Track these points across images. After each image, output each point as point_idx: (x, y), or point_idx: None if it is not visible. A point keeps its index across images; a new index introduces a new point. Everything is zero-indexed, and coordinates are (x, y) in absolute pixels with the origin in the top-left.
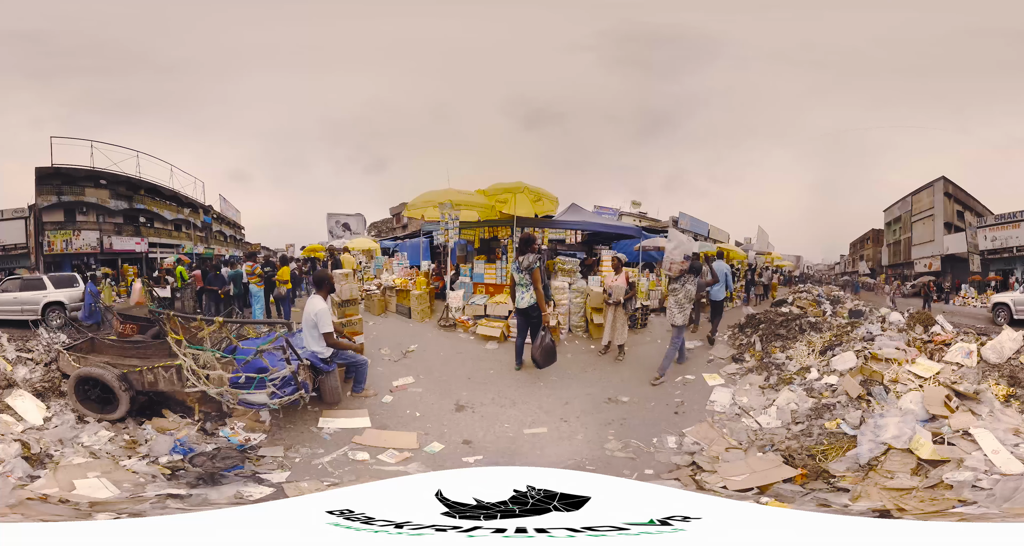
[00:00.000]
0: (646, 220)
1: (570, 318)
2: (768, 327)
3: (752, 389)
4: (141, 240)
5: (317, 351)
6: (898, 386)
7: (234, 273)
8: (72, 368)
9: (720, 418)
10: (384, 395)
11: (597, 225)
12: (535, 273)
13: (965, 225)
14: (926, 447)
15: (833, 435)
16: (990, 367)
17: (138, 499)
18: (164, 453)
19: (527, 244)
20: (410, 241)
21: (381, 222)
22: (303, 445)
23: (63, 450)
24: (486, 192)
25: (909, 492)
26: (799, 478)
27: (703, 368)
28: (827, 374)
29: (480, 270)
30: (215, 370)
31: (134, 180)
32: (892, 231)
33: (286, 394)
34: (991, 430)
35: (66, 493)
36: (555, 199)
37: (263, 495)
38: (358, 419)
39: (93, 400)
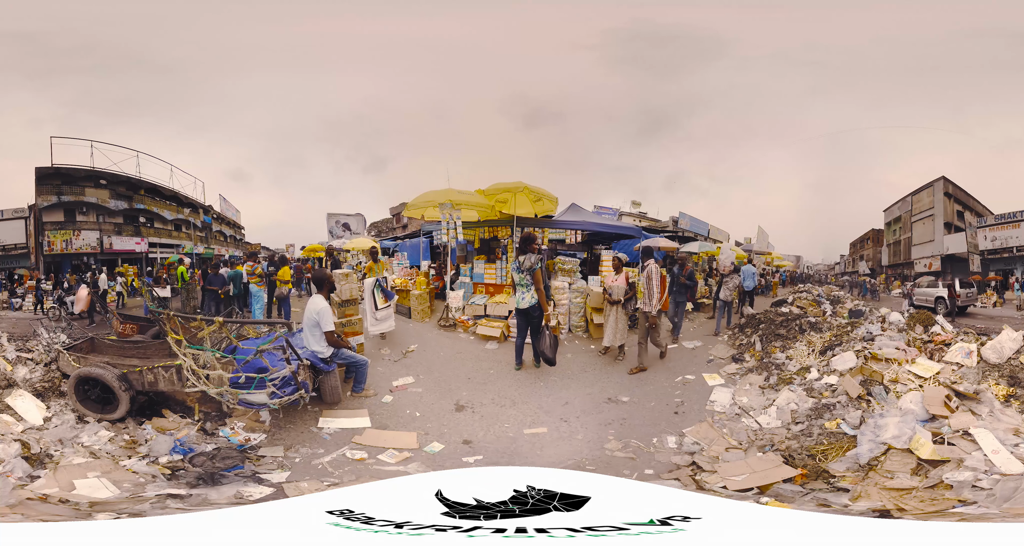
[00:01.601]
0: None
1: (570, 318)
2: (768, 327)
3: (752, 389)
4: (141, 240)
5: (317, 351)
6: (898, 386)
7: (233, 273)
8: (72, 368)
9: (720, 418)
10: (384, 395)
11: (597, 225)
12: (536, 273)
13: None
14: (926, 447)
15: (833, 435)
16: (990, 367)
17: (138, 499)
18: (164, 453)
19: (528, 244)
20: (410, 241)
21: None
22: (303, 445)
23: (63, 450)
24: (486, 192)
25: (909, 492)
26: (799, 478)
27: (703, 368)
28: (827, 374)
29: (480, 270)
30: (215, 370)
31: (134, 180)
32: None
33: (286, 394)
34: (991, 430)
35: (66, 493)
36: (555, 199)
37: (263, 495)
38: (358, 419)
39: (93, 400)
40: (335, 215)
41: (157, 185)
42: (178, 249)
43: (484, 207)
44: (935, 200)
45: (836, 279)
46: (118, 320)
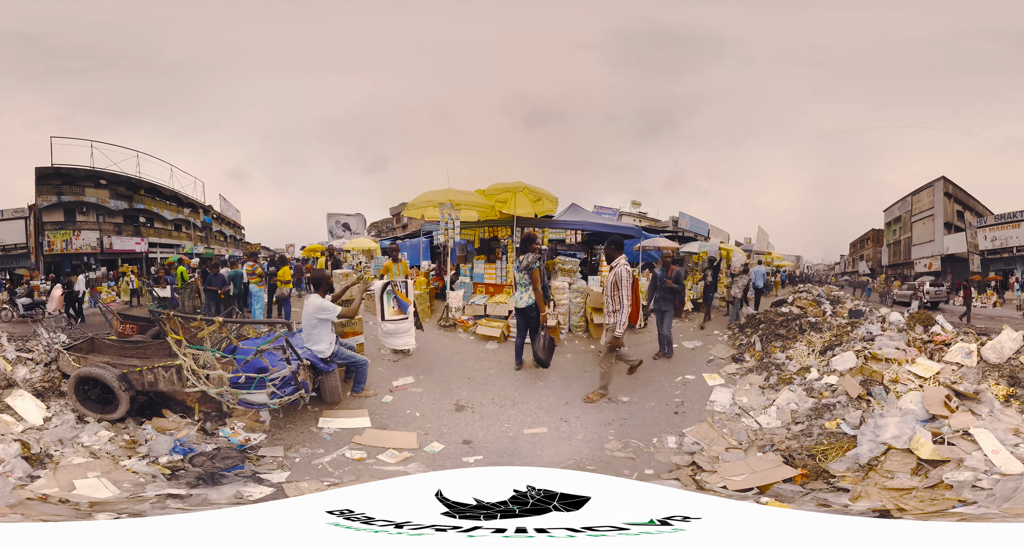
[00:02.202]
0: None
1: (570, 318)
2: (768, 327)
3: (752, 389)
4: (141, 240)
5: (317, 351)
6: (898, 386)
7: (234, 273)
8: (72, 368)
9: (720, 418)
10: (384, 395)
11: (597, 225)
12: (534, 273)
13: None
14: (926, 447)
15: (833, 435)
16: (990, 367)
17: (138, 499)
18: (164, 453)
19: (528, 243)
20: (410, 241)
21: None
22: (303, 445)
23: (63, 450)
24: (486, 192)
25: (909, 492)
26: (799, 478)
27: (703, 368)
28: (827, 374)
29: (480, 270)
30: (215, 370)
31: (134, 180)
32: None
33: (286, 394)
34: (991, 430)
35: (66, 493)
36: (555, 199)
37: (263, 495)
38: (358, 419)
39: (93, 400)
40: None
41: (157, 185)
42: (178, 249)
43: (484, 207)
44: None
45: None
46: (118, 320)
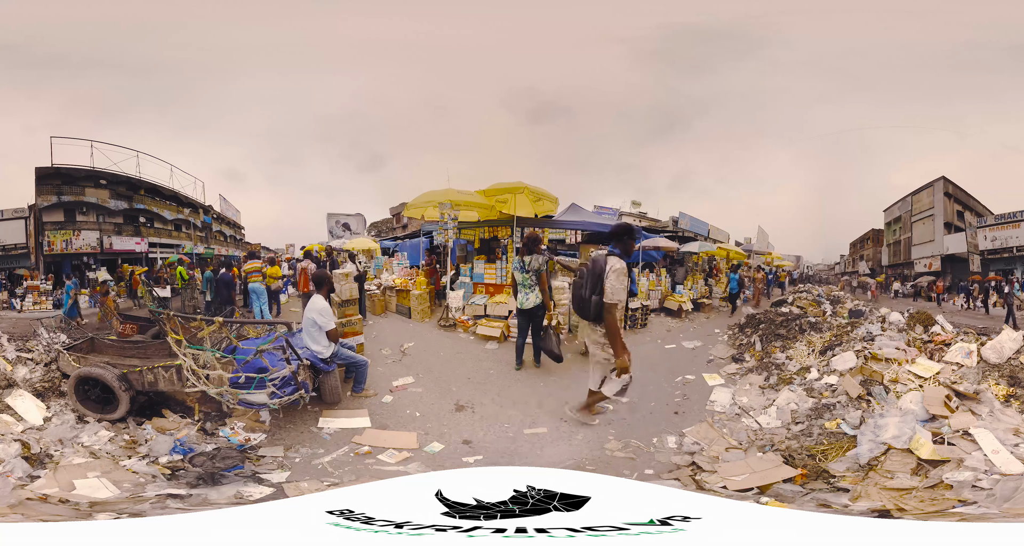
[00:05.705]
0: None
1: (570, 318)
2: (768, 327)
3: (752, 389)
4: (141, 240)
5: (317, 351)
6: (898, 386)
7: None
8: (72, 368)
9: (720, 418)
10: (384, 395)
11: (597, 225)
12: (543, 275)
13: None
14: (926, 447)
15: (833, 435)
16: (990, 367)
17: (138, 499)
18: (164, 453)
19: (534, 244)
20: (410, 241)
21: (381, 222)
22: (303, 445)
23: (63, 450)
24: (486, 192)
25: (909, 492)
26: (799, 478)
27: (703, 368)
28: (827, 374)
29: (480, 270)
30: (215, 370)
31: (134, 180)
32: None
33: (286, 394)
34: (991, 430)
35: (66, 493)
36: (555, 199)
37: (263, 495)
38: (358, 419)
39: (93, 400)
40: (335, 215)
41: (157, 185)
42: (178, 249)
43: (484, 207)
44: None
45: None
46: (118, 320)
